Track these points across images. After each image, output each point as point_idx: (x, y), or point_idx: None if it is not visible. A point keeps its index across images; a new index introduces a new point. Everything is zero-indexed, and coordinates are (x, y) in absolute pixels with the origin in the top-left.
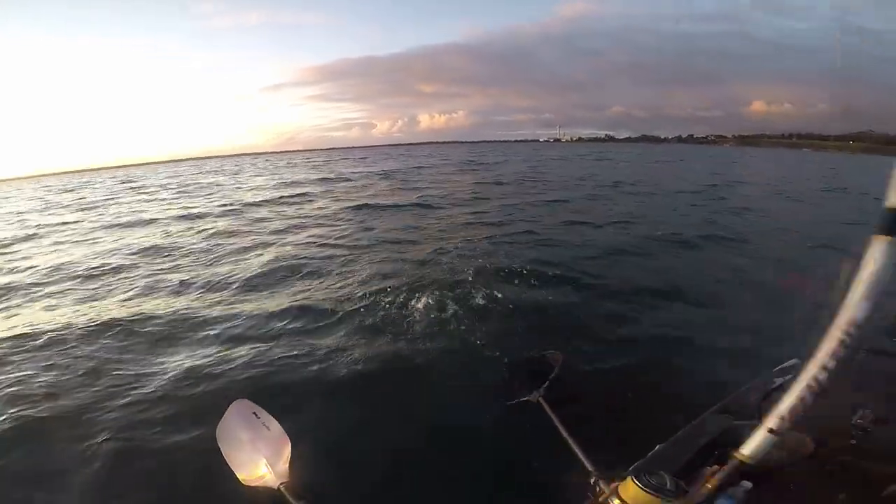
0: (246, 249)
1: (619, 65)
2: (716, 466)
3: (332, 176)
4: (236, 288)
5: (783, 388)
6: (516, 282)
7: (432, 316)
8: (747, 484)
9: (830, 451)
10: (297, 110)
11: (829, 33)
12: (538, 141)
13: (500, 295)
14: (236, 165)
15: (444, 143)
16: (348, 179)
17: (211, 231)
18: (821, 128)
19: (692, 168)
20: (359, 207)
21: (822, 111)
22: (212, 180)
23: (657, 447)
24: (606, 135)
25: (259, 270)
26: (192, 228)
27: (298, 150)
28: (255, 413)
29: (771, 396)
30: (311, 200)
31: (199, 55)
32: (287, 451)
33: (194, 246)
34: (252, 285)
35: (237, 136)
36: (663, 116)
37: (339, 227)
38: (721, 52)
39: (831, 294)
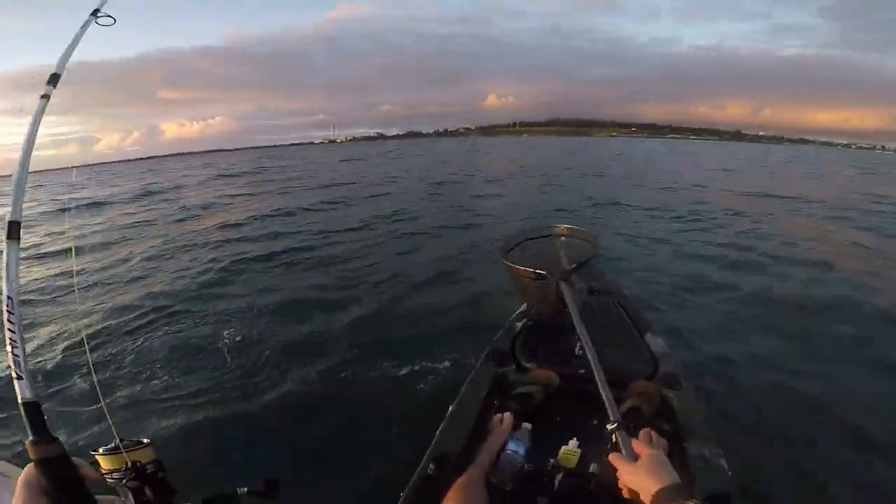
0: None
1: (386, 65)
2: (499, 415)
3: None
4: None
5: (524, 330)
6: None
7: None
8: (527, 425)
9: (571, 380)
10: None
11: (546, 33)
12: (313, 143)
13: None
14: None
15: (200, 152)
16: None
17: None
18: (533, 116)
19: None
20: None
21: (533, 101)
22: None
23: (450, 408)
24: (378, 133)
25: None
26: None
27: None
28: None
29: (517, 340)
30: None
31: None
32: None
33: None
34: None
35: None
36: (424, 113)
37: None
38: (466, 52)
39: None
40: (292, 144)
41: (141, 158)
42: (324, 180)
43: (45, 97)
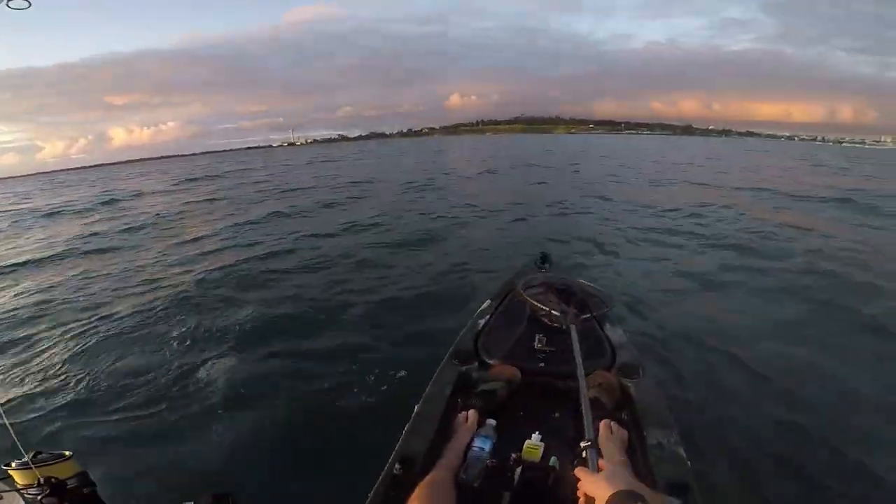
0: None
1: (348, 66)
2: (464, 413)
3: None
4: None
5: (487, 327)
6: None
7: None
8: (492, 421)
9: (532, 374)
10: None
11: (507, 32)
12: (272, 146)
13: None
14: None
15: (154, 158)
16: None
17: None
18: (496, 114)
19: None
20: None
21: (496, 100)
22: None
23: (416, 408)
24: (340, 134)
25: None
26: None
27: None
28: None
29: (480, 337)
30: None
31: None
32: None
33: None
34: None
35: None
36: (388, 114)
37: None
38: (429, 52)
39: None
40: (250, 148)
41: (86, 167)
42: (288, 185)
43: None
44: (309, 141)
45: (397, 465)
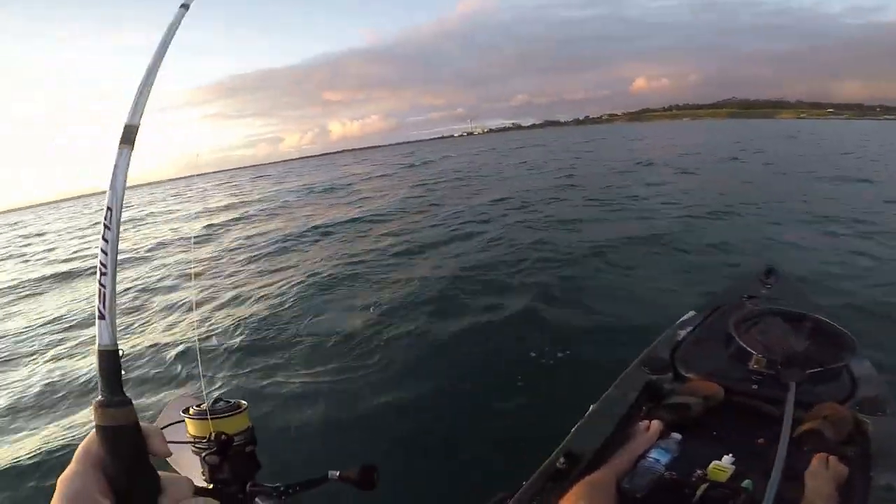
0: None
1: (515, 55)
2: (646, 422)
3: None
4: None
5: (688, 339)
6: None
7: None
8: (677, 436)
9: (738, 396)
10: (194, 133)
11: (689, 9)
12: (453, 136)
13: None
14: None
15: (363, 149)
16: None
17: None
18: (694, 98)
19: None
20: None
21: (694, 81)
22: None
23: (591, 407)
24: (513, 123)
25: None
26: None
27: (199, 174)
28: None
29: (679, 348)
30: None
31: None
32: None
33: None
34: None
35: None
36: (561, 101)
37: None
38: (601, 35)
39: None
40: (435, 138)
41: (314, 155)
42: (486, 173)
43: (185, 6)
44: (485, 130)
45: (561, 459)
